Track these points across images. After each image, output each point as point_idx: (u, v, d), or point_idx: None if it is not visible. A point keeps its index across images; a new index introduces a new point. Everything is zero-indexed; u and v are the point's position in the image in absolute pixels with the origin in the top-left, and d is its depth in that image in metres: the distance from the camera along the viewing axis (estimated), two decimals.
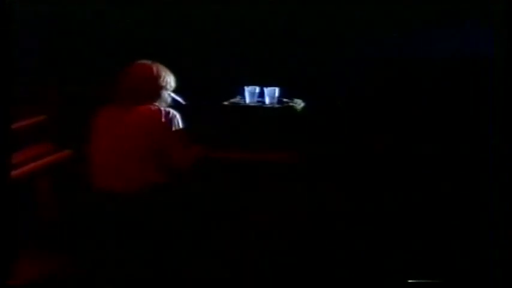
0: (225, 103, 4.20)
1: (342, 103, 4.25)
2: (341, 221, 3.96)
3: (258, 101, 4.16)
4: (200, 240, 3.76)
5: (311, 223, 3.96)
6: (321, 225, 3.95)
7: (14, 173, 3.62)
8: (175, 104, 3.79)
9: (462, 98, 4.14)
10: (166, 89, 3.64)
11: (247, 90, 4.16)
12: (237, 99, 4.25)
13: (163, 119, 3.50)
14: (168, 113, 3.53)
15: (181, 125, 3.56)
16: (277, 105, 4.10)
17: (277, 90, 4.11)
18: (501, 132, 3.12)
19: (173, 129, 3.52)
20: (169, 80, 3.65)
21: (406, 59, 4.23)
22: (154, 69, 3.59)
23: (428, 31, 4.21)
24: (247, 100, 4.17)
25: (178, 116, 3.57)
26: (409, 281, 3.52)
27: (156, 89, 3.58)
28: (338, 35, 4.34)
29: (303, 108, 4.15)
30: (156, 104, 3.58)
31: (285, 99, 4.16)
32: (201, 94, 4.12)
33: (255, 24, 4.41)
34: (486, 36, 3.48)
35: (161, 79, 3.59)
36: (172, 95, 3.84)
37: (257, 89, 4.15)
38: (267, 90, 4.13)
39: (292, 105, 4.11)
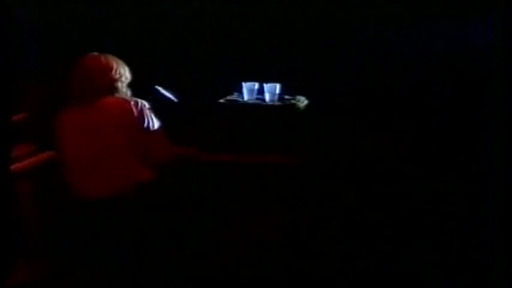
0: (221, 101, 4.15)
1: (341, 100, 4.25)
2: (342, 222, 3.91)
3: (257, 99, 4.13)
4: (197, 243, 3.68)
5: (312, 224, 3.90)
6: (321, 226, 3.90)
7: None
8: (166, 101, 3.85)
9: (462, 95, 4.14)
10: (122, 81, 3.49)
11: (246, 86, 4.12)
12: (234, 96, 4.22)
13: (131, 109, 3.39)
14: (136, 102, 3.43)
15: (152, 114, 3.47)
16: (278, 103, 4.07)
17: (278, 86, 4.07)
18: (501, 131, 3.15)
19: (145, 118, 3.43)
20: (123, 72, 3.51)
21: (407, 57, 4.21)
22: (104, 61, 3.46)
23: (429, 30, 4.22)
24: (246, 97, 4.13)
25: (147, 105, 3.47)
26: (408, 281, 3.53)
27: (110, 82, 3.45)
28: (341, 27, 4.29)
29: (306, 106, 4.10)
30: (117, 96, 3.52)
31: (286, 96, 4.12)
32: (195, 90, 4.10)
33: (254, 13, 4.36)
34: (486, 31, 3.60)
35: (113, 71, 3.46)
36: (163, 91, 3.84)
37: (256, 85, 4.12)
38: (267, 86, 4.08)
39: (295, 103, 4.07)
